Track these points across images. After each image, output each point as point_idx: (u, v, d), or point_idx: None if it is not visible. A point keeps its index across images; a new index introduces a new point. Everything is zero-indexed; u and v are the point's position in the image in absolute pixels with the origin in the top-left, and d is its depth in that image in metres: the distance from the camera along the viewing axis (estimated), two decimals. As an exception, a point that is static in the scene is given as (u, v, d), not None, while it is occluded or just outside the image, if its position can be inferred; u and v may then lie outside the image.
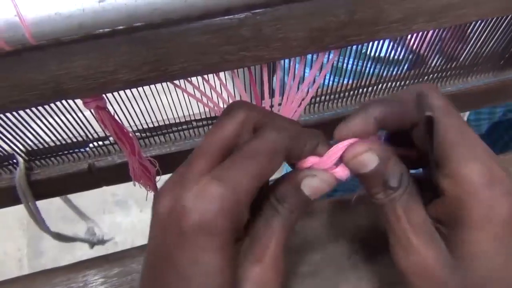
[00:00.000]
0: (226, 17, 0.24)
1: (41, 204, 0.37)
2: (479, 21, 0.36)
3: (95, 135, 0.35)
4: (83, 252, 1.28)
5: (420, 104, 0.26)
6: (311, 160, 0.27)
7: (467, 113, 0.80)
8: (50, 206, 0.34)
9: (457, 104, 0.41)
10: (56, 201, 0.37)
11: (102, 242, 0.46)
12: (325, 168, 0.27)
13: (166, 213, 0.24)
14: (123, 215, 1.41)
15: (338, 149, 0.27)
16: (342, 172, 0.27)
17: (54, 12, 0.19)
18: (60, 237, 0.39)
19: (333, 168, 0.27)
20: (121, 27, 0.23)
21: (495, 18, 0.35)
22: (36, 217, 0.34)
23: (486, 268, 0.25)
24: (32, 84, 0.24)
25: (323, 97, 0.39)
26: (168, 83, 0.31)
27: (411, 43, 0.36)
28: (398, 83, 0.38)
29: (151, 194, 0.35)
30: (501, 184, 0.24)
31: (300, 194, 0.26)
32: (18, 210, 1.30)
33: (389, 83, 0.38)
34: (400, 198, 0.26)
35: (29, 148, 0.34)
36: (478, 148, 0.26)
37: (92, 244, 0.46)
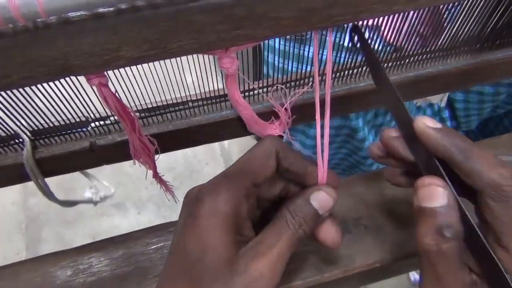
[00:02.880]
0: (221, -3, 0.26)
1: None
2: (456, 6, 0.38)
3: (97, 115, 0.37)
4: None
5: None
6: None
7: (445, 98, 0.82)
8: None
9: (438, 84, 0.44)
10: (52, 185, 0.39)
11: (104, 198, 0.49)
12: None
13: (194, 198, 0.30)
14: (121, 218, 1.42)
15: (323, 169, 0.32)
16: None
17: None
18: (67, 203, 0.41)
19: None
20: (124, 7, 0.25)
21: (470, 2, 0.37)
22: (46, 191, 0.36)
23: None
24: (42, 61, 0.26)
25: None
26: (166, 64, 0.33)
27: (388, 36, 0.38)
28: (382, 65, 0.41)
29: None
30: None
31: (309, 207, 0.30)
32: (16, 214, 1.31)
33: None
34: (449, 250, 0.26)
35: (35, 128, 0.36)
36: None
37: (96, 203, 0.48)
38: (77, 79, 0.33)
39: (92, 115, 0.37)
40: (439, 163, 0.28)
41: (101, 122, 0.37)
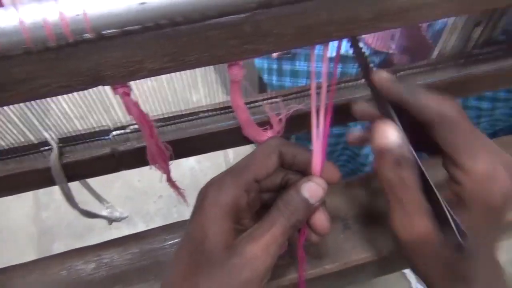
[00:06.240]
0: (232, 16, 0.30)
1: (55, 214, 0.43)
2: (440, 26, 0.43)
3: (118, 124, 0.41)
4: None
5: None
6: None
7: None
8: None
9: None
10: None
11: (119, 219, 0.52)
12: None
13: (202, 193, 0.34)
14: (130, 231, 1.44)
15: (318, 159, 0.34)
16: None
17: (107, 11, 0.26)
18: (87, 214, 0.44)
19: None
20: (150, 24, 0.29)
21: (452, 22, 0.42)
22: (68, 196, 0.40)
23: (470, 243, 0.30)
24: (78, 72, 0.30)
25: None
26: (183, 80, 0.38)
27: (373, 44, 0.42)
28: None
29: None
30: (499, 181, 0.31)
31: (300, 196, 0.33)
32: (28, 227, 1.33)
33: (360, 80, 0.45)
34: (408, 177, 0.32)
35: (63, 135, 0.39)
36: (485, 148, 0.32)
37: (111, 221, 0.52)
38: (100, 91, 0.37)
39: (113, 125, 0.41)
40: (393, 111, 0.34)
41: (122, 131, 0.41)
